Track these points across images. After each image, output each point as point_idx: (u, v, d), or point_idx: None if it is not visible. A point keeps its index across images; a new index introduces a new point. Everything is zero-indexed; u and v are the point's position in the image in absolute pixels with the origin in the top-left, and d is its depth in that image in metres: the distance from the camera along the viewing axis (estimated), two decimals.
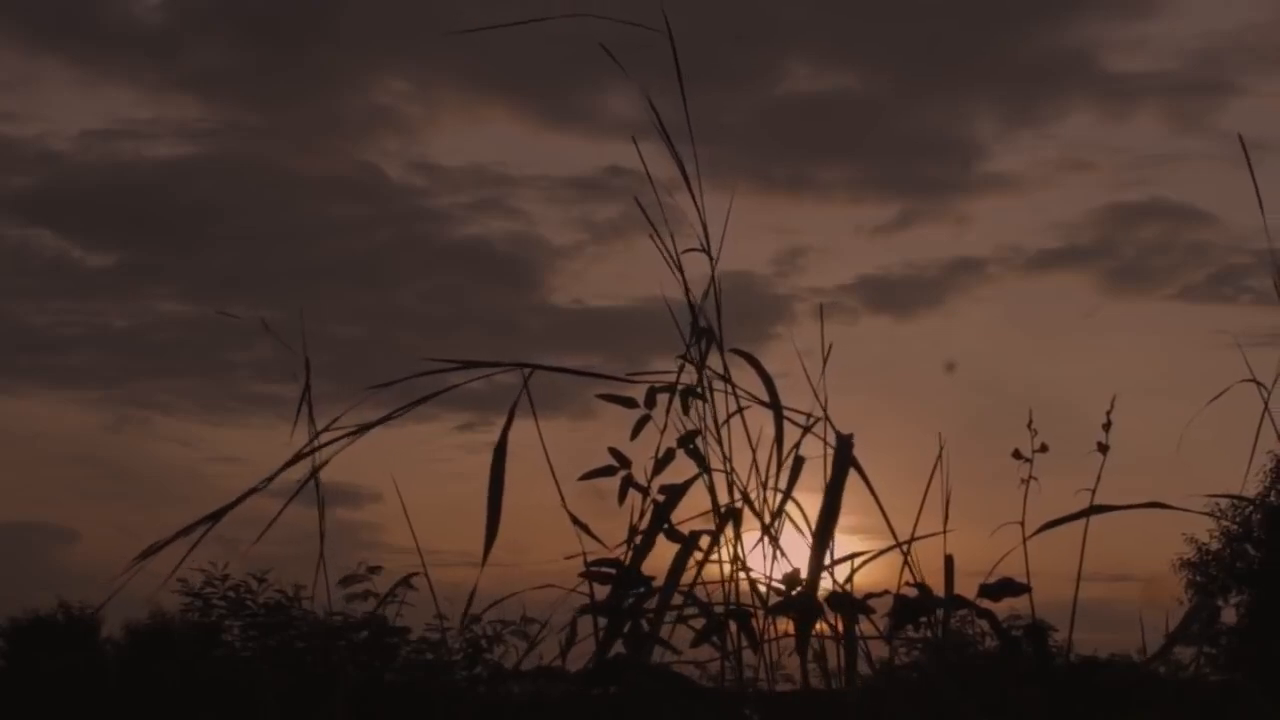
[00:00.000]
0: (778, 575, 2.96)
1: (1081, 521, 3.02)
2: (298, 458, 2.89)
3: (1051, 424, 3.24)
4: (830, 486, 2.77)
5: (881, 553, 2.95)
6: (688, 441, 3.09)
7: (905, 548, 2.94)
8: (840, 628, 2.87)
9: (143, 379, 34.44)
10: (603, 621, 2.99)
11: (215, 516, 2.81)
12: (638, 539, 3.03)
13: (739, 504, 2.98)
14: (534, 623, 8.20)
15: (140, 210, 31.68)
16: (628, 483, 3.17)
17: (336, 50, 31.65)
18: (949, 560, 2.92)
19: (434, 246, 32.15)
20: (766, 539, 2.96)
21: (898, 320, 33.13)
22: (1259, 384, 3.07)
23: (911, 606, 2.91)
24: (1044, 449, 3.18)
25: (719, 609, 2.97)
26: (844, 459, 2.80)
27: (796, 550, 2.99)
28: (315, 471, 2.90)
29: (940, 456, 3.01)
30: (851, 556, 2.94)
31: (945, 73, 31.57)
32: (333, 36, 31.10)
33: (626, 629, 2.98)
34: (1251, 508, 23.40)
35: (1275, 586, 22.49)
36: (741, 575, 2.99)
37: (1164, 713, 3.15)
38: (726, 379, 3.04)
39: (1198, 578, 24.66)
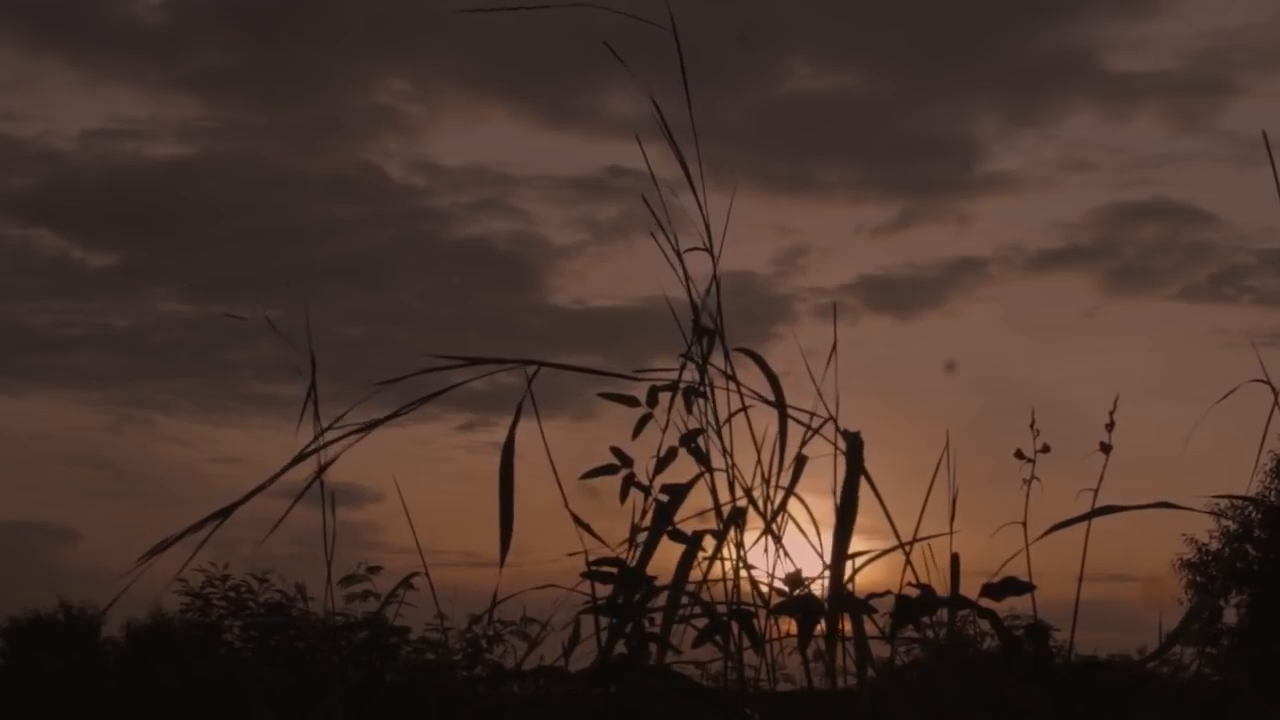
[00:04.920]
0: (780, 575, 2.96)
1: (1083, 522, 3.02)
2: (305, 454, 2.88)
3: (1052, 424, 3.25)
4: (846, 485, 2.77)
5: (885, 553, 2.95)
6: (690, 440, 3.08)
7: (907, 548, 2.94)
8: (845, 628, 2.87)
9: (143, 379, 34.45)
10: (604, 621, 2.99)
11: (224, 513, 2.81)
12: (640, 538, 3.03)
13: (742, 502, 2.98)
14: (534, 623, 8.22)
15: (141, 210, 31.70)
16: (629, 482, 3.17)
17: (337, 50, 31.66)
18: (955, 559, 2.91)
19: (435, 246, 32.17)
20: (769, 538, 2.95)
21: (899, 320, 33.13)
22: (1270, 385, 3.06)
23: (913, 606, 2.91)
24: (1046, 449, 3.18)
25: (721, 609, 2.97)
26: (856, 457, 2.79)
27: (799, 549, 2.99)
28: (324, 469, 2.89)
29: (944, 456, 3.01)
30: (853, 556, 2.94)
31: (946, 73, 31.60)
32: (334, 36, 31.10)
33: (629, 629, 2.98)
34: (1251, 507, 23.42)
35: (1275, 586, 22.49)
36: (743, 575, 2.99)
37: (1164, 713, 3.15)
38: (731, 377, 3.04)
39: (1198, 578, 24.67)
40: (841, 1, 29.66)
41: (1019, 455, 3.20)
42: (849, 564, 2.93)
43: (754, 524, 2.99)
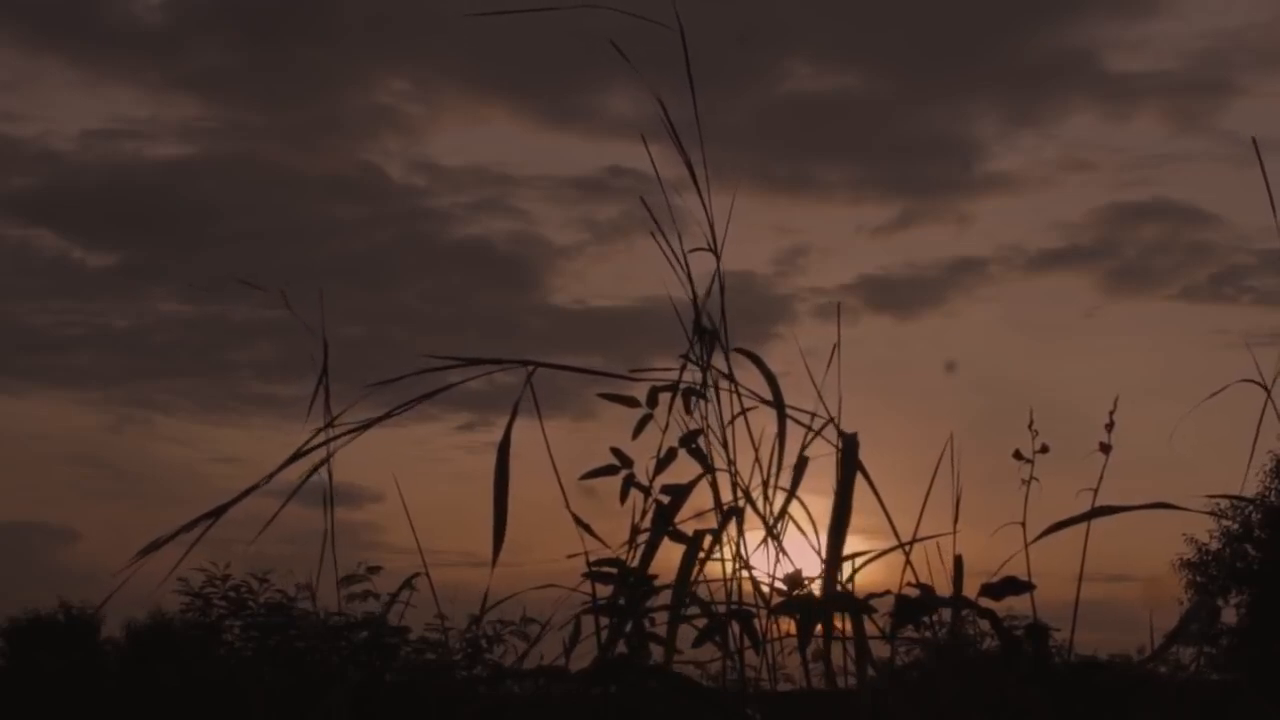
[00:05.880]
0: (780, 575, 2.97)
1: (1083, 523, 3.03)
2: (300, 453, 2.89)
3: (1052, 424, 3.25)
4: (840, 486, 2.77)
5: (885, 552, 2.95)
6: (689, 441, 3.09)
7: (907, 548, 2.94)
8: (843, 628, 2.87)
9: (143, 379, 34.46)
10: (605, 621, 3.00)
11: (217, 513, 2.81)
12: (640, 539, 3.04)
13: (741, 503, 2.99)
14: (534, 623, 8.22)
15: (141, 210, 31.72)
16: (629, 482, 3.17)
17: (337, 50, 31.67)
18: (958, 560, 2.92)
19: (435, 246, 32.18)
20: (769, 538, 2.96)
21: (899, 320, 33.14)
22: (1261, 384, 3.07)
23: (913, 606, 2.91)
24: (1045, 449, 3.18)
25: (721, 609, 2.97)
26: (851, 458, 2.80)
27: (799, 550, 2.99)
28: (317, 468, 2.90)
29: (944, 456, 3.01)
30: (853, 556, 2.94)
31: (947, 73, 31.62)
32: (334, 36, 31.10)
33: (629, 629, 2.98)
34: (1251, 507, 23.42)
35: (1275, 586, 22.50)
36: (743, 575, 2.99)
37: (1164, 713, 3.15)
38: (730, 378, 3.04)
39: (1198, 578, 24.68)
40: (842, 3, 29.67)
41: (1018, 456, 3.20)
42: (849, 564, 2.93)
43: (754, 525, 2.99)
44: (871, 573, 2.97)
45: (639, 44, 2.95)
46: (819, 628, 2.87)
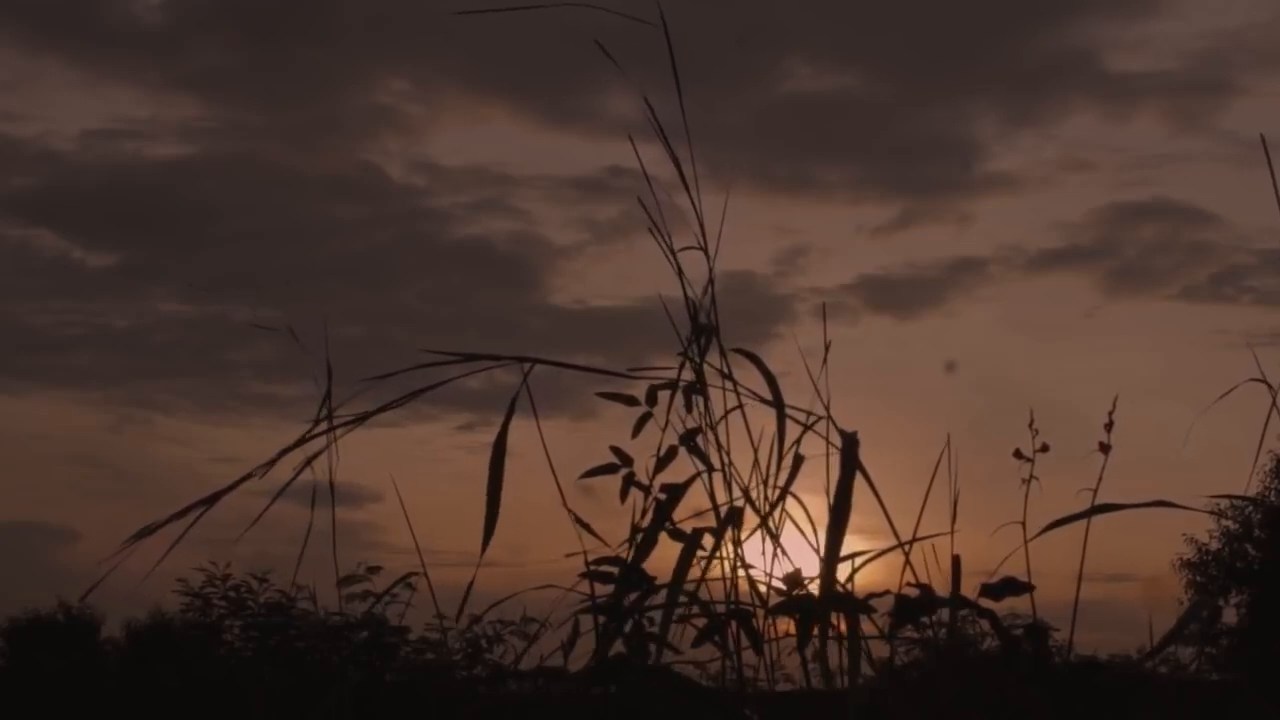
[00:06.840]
0: (779, 574, 2.97)
1: (1082, 522, 3.02)
2: (298, 443, 2.88)
3: (1052, 424, 3.25)
4: (840, 485, 2.77)
5: (884, 552, 2.95)
6: (689, 439, 3.08)
7: (906, 548, 2.94)
8: (842, 627, 2.87)
9: (143, 379, 34.49)
10: (603, 620, 2.99)
11: (210, 500, 2.80)
12: (639, 538, 3.03)
13: (740, 502, 2.99)
14: (534, 622, 8.21)
15: (141, 210, 31.76)
16: (629, 481, 3.17)
17: (337, 50, 31.68)
18: (956, 560, 2.91)
19: (435, 246, 32.21)
20: (767, 538, 2.96)
21: (899, 320, 33.20)
22: (1267, 384, 3.07)
23: (913, 606, 2.91)
24: (1045, 449, 3.18)
25: (720, 608, 2.97)
26: (851, 457, 2.79)
27: (798, 549, 2.99)
28: (311, 460, 2.90)
29: (943, 456, 3.01)
30: (852, 556, 2.94)
31: (947, 73, 31.64)
32: (334, 36, 31.12)
33: (628, 628, 2.98)
34: (1251, 507, 23.43)
35: (1275, 586, 22.50)
36: (742, 574, 2.99)
37: (1164, 713, 3.15)
38: (728, 376, 3.04)
39: (1198, 578, 24.69)
40: (841, 4, 29.68)
41: (1018, 455, 3.20)
42: (848, 564, 2.93)
43: (752, 523, 2.99)
44: (871, 572, 2.97)
45: (637, 43, 2.95)
46: (818, 627, 2.87)
